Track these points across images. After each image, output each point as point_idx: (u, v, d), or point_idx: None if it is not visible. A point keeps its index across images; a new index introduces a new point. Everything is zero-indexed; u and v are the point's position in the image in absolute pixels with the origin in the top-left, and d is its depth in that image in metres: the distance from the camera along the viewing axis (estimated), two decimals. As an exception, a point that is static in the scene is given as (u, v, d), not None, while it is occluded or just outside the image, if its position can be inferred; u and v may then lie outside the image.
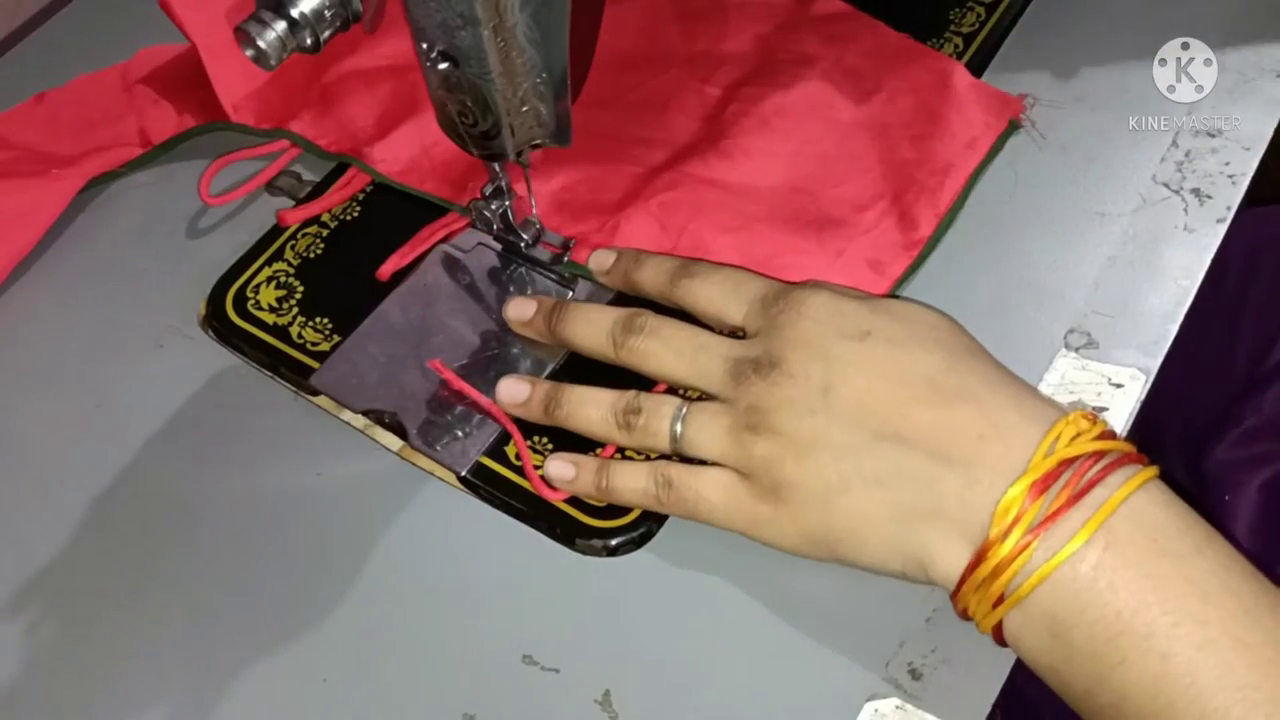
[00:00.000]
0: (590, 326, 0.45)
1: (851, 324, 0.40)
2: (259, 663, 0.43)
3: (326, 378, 0.49)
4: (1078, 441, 0.36)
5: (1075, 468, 0.36)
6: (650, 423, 0.42)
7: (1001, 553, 0.36)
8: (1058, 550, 0.35)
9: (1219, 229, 0.49)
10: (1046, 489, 0.36)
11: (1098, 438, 0.37)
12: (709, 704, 0.41)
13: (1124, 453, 0.37)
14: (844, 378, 0.39)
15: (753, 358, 0.41)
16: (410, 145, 0.55)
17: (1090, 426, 0.37)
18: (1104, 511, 0.35)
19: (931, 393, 0.38)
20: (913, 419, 0.38)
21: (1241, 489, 0.55)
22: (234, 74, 0.56)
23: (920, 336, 0.40)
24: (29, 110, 0.60)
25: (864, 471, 0.38)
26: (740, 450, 0.40)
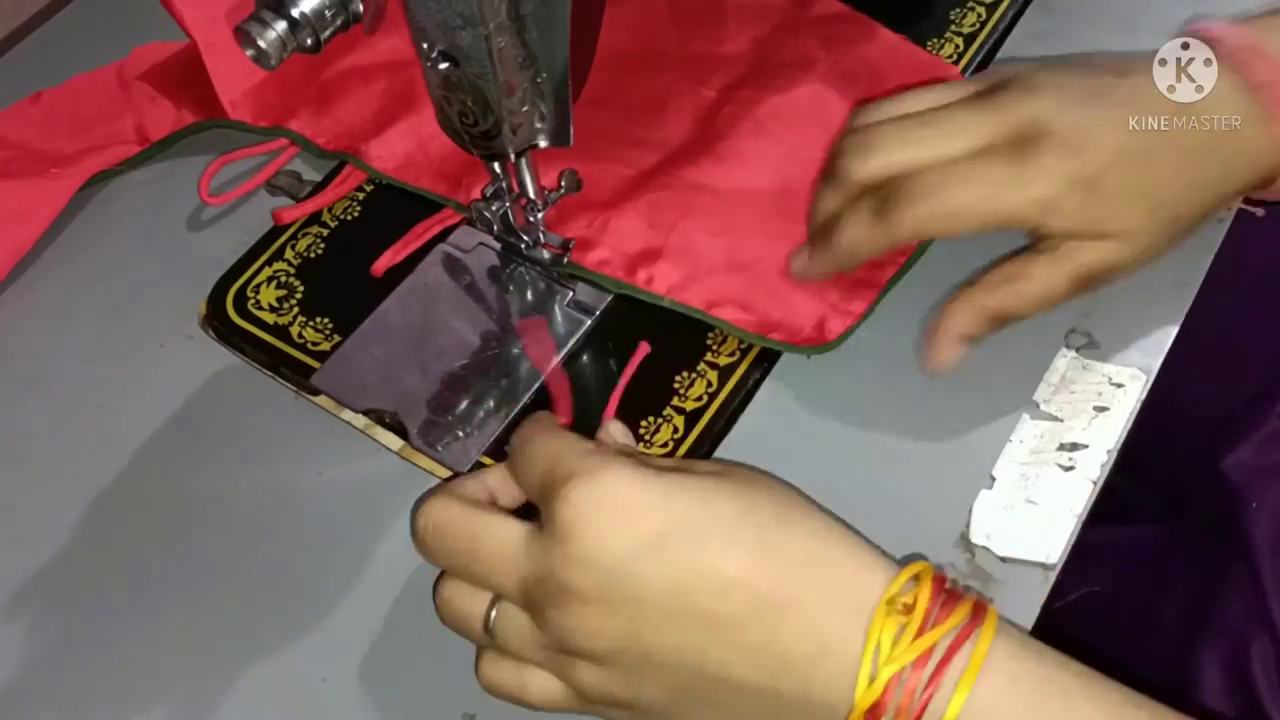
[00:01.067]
0: None
1: (641, 528, 0.34)
2: (259, 663, 0.43)
3: (327, 377, 0.49)
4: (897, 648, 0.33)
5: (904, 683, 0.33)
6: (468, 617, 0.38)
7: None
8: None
9: (1220, 229, 0.49)
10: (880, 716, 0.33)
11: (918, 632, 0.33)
12: (709, 704, 0.41)
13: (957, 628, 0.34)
14: (649, 603, 0.34)
15: (541, 580, 0.35)
16: (406, 141, 0.55)
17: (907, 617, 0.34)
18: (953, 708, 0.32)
19: (749, 608, 0.34)
20: (736, 646, 0.34)
21: (1266, 496, 0.54)
22: (233, 71, 0.56)
23: (722, 518, 0.35)
24: (26, 109, 0.60)
25: (699, 699, 0.35)
26: (561, 671, 0.37)
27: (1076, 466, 0.44)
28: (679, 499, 0.35)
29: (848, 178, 0.44)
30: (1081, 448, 0.44)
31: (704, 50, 0.57)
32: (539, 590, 0.35)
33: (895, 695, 0.32)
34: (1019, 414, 0.45)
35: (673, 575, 0.34)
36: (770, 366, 0.48)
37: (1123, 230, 0.42)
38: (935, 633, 0.33)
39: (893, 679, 0.33)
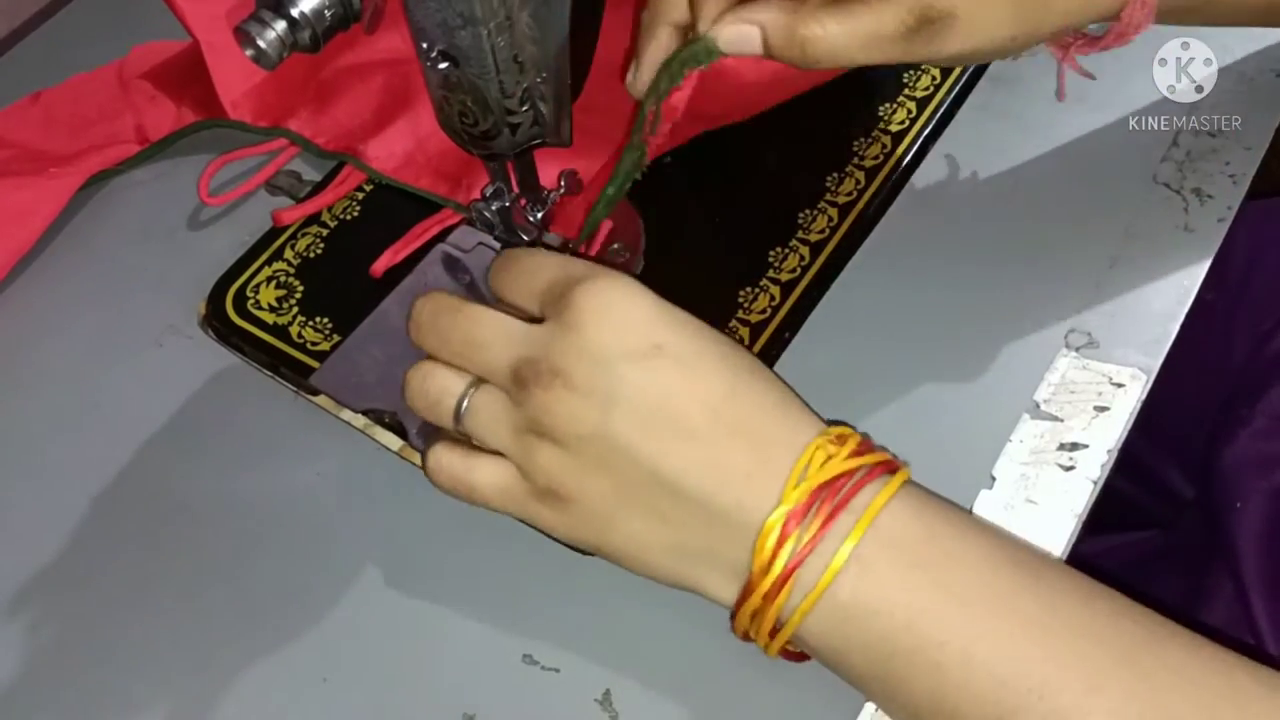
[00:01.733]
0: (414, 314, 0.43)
1: (642, 334, 0.38)
2: (259, 663, 0.43)
3: (326, 377, 0.49)
4: (828, 465, 0.37)
5: (825, 494, 0.36)
6: (438, 401, 0.41)
7: (764, 587, 0.36)
8: (815, 582, 0.36)
9: (1220, 229, 0.49)
10: (802, 519, 0.36)
11: (846, 458, 0.37)
12: (709, 704, 0.41)
13: (873, 465, 0.37)
14: (627, 401, 0.37)
15: (534, 360, 0.38)
16: (405, 140, 0.55)
17: (838, 448, 0.37)
18: (853, 537, 0.36)
19: (711, 424, 0.37)
20: (686, 457, 0.37)
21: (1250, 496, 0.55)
22: (234, 70, 0.56)
23: (707, 353, 0.39)
24: (25, 109, 0.60)
25: (639, 503, 0.38)
26: (523, 453, 0.39)
27: (1077, 466, 0.44)
28: (677, 325, 0.39)
29: None
30: (1082, 448, 0.44)
31: None
32: (529, 369, 0.38)
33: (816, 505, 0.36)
34: (1019, 414, 0.45)
35: (655, 383, 0.37)
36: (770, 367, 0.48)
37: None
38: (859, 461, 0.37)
39: (815, 489, 0.36)
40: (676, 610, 0.43)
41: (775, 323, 0.49)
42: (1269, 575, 0.52)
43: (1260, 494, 0.54)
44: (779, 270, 0.50)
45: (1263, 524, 0.54)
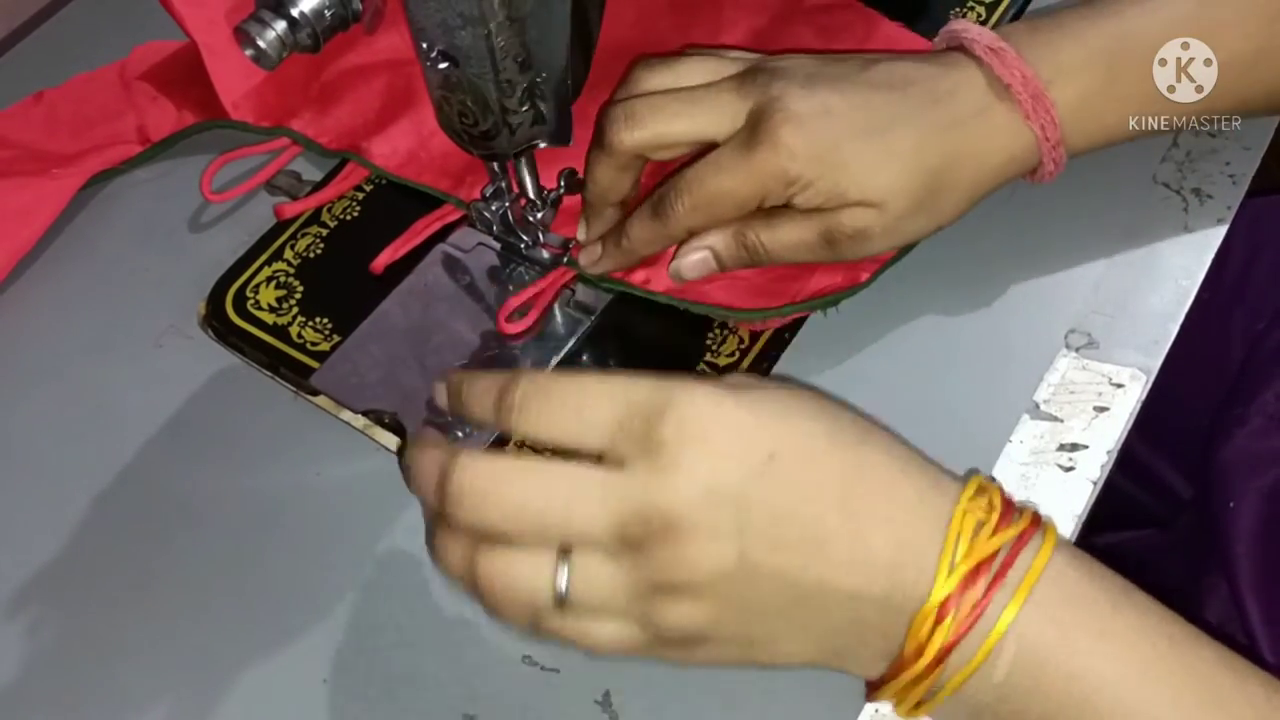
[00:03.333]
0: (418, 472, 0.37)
1: (750, 454, 0.34)
2: (259, 663, 0.43)
3: (326, 378, 0.49)
4: (978, 541, 0.35)
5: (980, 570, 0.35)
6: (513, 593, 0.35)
7: (917, 669, 0.35)
8: (968, 661, 0.35)
9: (1220, 229, 0.49)
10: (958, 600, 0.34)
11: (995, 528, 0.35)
12: (709, 704, 0.41)
13: (1023, 529, 0.36)
14: (756, 524, 0.34)
15: (641, 516, 0.33)
16: (408, 138, 0.55)
17: (986, 515, 0.36)
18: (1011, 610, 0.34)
19: (845, 520, 0.35)
20: (831, 559, 0.35)
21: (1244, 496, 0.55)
22: (234, 71, 0.56)
23: (819, 439, 0.36)
24: (27, 109, 0.60)
25: (783, 621, 0.36)
26: (647, 615, 0.35)
27: (1076, 467, 0.44)
28: (778, 419, 0.35)
29: (615, 148, 0.45)
30: (1081, 448, 0.44)
31: (703, 41, 0.57)
32: (638, 526, 0.33)
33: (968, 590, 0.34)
34: (1019, 414, 0.45)
35: (782, 497, 0.34)
36: (769, 369, 0.48)
37: (867, 198, 0.44)
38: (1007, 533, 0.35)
39: (968, 574, 0.34)
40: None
41: (773, 326, 0.49)
42: (1262, 575, 0.52)
43: (1254, 493, 0.54)
44: (779, 270, 0.50)
45: (1256, 524, 0.54)
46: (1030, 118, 0.45)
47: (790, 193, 0.44)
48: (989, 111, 0.45)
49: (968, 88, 0.45)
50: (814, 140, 0.43)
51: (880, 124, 0.44)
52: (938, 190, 0.45)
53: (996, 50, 0.45)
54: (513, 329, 0.49)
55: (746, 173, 0.43)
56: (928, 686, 0.36)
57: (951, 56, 0.46)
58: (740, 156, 0.44)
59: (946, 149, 0.44)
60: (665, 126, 0.44)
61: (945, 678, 0.35)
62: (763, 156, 0.43)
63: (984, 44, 0.45)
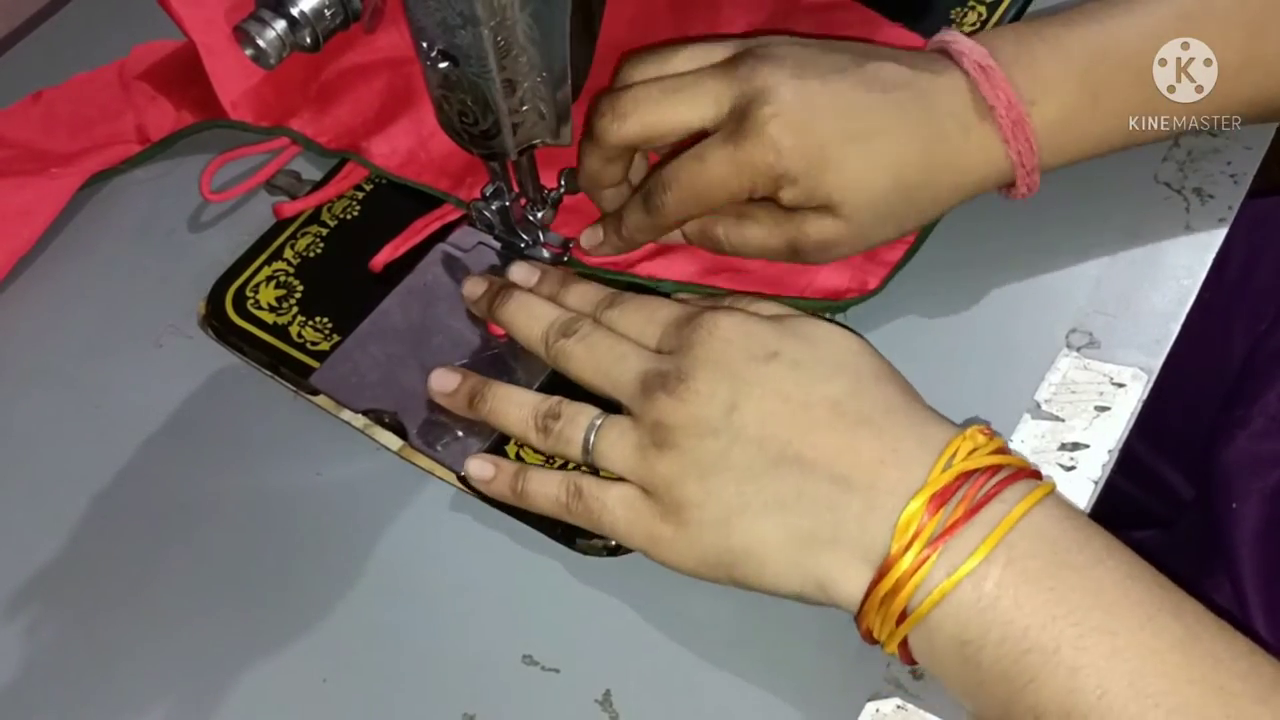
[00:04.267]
0: (529, 319, 0.46)
1: (759, 345, 0.40)
2: (259, 663, 0.43)
3: (326, 377, 0.49)
4: (974, 456, 0.37)
5: (971, 482, 0.36)
6: (565, 430, 0.43)
7: (902, 567, 0.36)
8: (957, 567, 0.35)
9: (1221, 229, 0.49)
10: (945, 503, 0.36)
11: (993, 453, 0.37)
12: (709, 704, 0.41)
13: (1019, 467, 0.37)
14: (748, 398, 0.39)
15: (662, 371, 0.41)
16: (408, 138, 0.55)
17: (986, 442, 0.38)
18: (1002, 527, 0.35)
19: (833, 417, 0.38)
20: (814, 443, 0.38)
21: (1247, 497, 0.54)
22: (232, 71, 0.56)
23: (826, 359, 0.40)
24: (27, 109, 0.60)
25: (764, 495, 0.38)
26: (645, 467, 0.40)
27: (1078, 466, 0.44)
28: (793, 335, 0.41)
29: (604, 140, 0.46)
30: (1083, 447, 0.44)
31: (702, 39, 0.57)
32: (657, 378, 0.41)
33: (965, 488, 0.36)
34: (1020, 414, 0.45)
35: (776, 383, 0.39)
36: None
37: (842, 207, 0.44)
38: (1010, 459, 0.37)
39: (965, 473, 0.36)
40: (677, 610, 0.43)
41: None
42: (1265, 576, 0.52)
43: (1257, 495, 0.54)
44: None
45: (1258, 524, 0.54)
46: (1009, 142, 0.45)
47: (778, 187, 0.44)
48: (971, 131, 0.45)
49: (954, 102, 0.45)
50: (801, 138, 0.43)
51: (866, 130, 0.44)
52: (909, 203, 0.45)
53: (985, 69, 0.45)
54: (501, 330, 0.49)
55: (733, 166, 0.43)
56: (909, 595, 0.36)
57: (942, 63, 0.46)
58: (726, 149, 0.44)
59: (926, 164, 0.45)
60: (651, 117, 0.45)
61: (925, 592, 0.35)
62: (749, 150, 0.43)
63: (973, 59, 0.45)
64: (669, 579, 0.43)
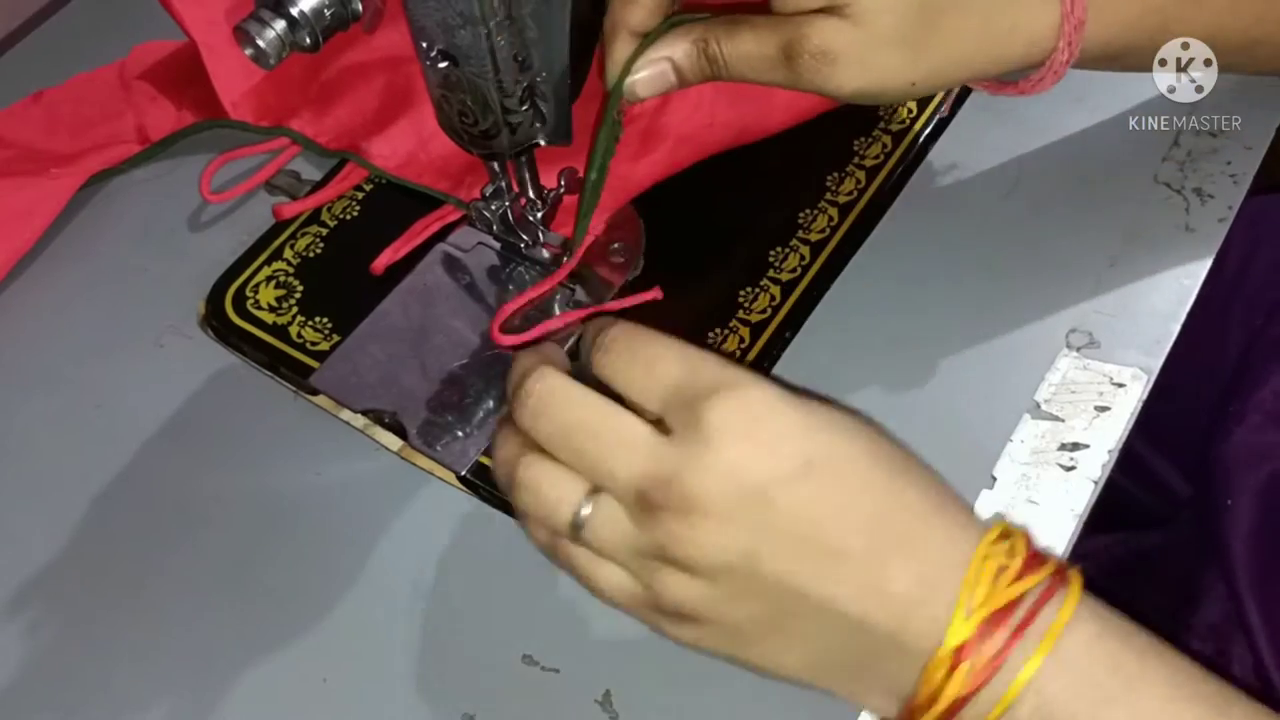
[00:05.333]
0: None
1: (789, 456, 0.34)
2: (259, 663, 0.43)
3: (326, 377, 0.49)
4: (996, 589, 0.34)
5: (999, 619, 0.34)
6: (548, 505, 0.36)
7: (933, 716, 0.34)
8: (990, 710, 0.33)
9: (1221, 228, 0.49)
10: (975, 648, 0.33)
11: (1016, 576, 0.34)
12: (709, 704, 0.41)
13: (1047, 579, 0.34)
14: (777, 529, 0.34)
15: (665, 482, 0.34)
16: (408, 139, 0.55)
17: (1008, 560, 0.34)
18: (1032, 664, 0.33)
19: (869, 545, 0.34)
20: (847, 579, 0.34)
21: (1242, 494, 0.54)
22: (233, 71, 0.56)
23: (861, 459, 0.35)
24: (27, 109, 0.60)
25: (785, 626, 0.35)
26: (648, 577, 0.35)
27: (1077, 466, 0.44)
28: (824, 430, 0.35)
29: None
30: (1082, 447, 0.44)
31: None
32: (660, 492, 0.34)
33: (983, 641, 0.33)
34: (1020, 414, 0.45)
35: (809, 507, 0.34)
36: (770, 368, 0.48)
37: (860, 13, 0.38)
38: (1029, 582, 0.34)
39: (985, 621, 0.33)
40: (676, 610, 0.43)
41: (776, 322, 0.49)
42: (1259, 574, 0.52)
43: (1252, 490, 0.54)
44: (779, 270, 0.50)
45: (1254, 521, 0.54)
46: None
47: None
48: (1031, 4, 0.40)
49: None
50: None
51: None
52: (931, 27, 0.39)
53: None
54: (507, 341, 0.48)
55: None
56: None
57: None
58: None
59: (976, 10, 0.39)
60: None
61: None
62: None
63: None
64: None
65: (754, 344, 0.48)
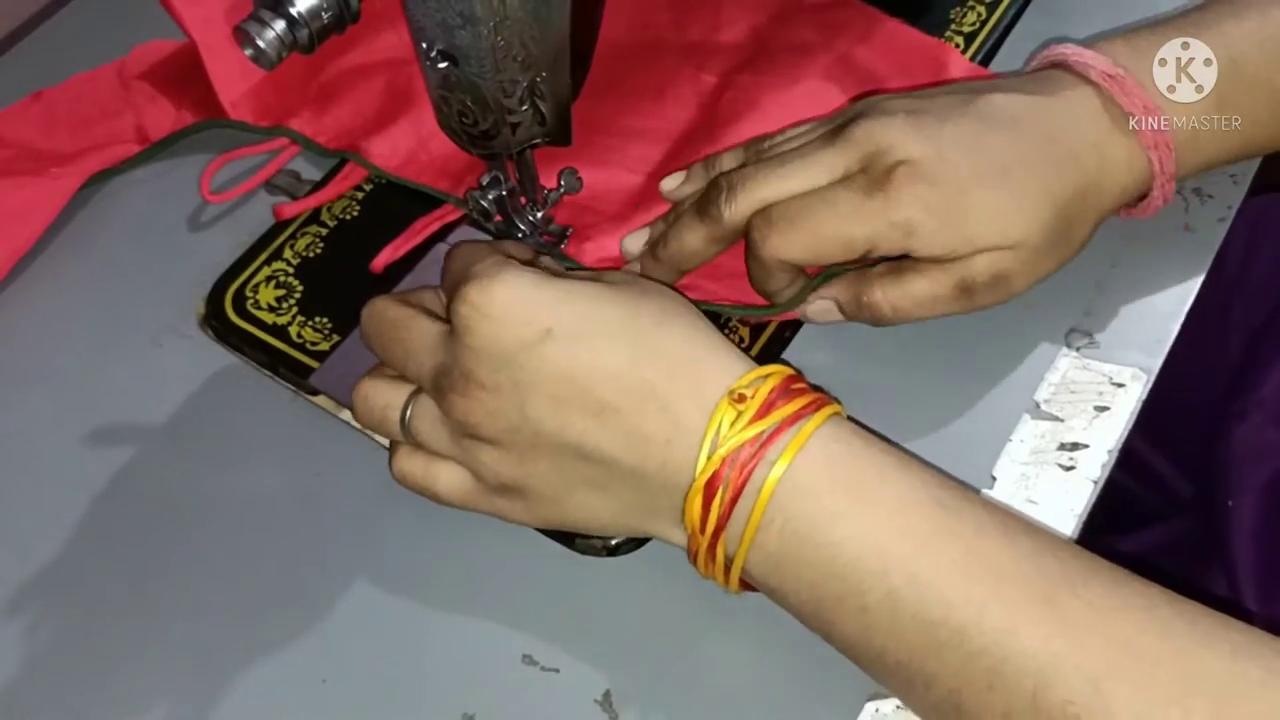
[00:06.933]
0: None
1: (528, 325, 0.39)
2: (259, 663, 0.43)
3: (326, 377, 0.49)
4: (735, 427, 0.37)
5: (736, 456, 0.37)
6: (384, 418, 0.43)
7: (703, 542, 0.38)
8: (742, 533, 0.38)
9: (1220, 228, 0.49)
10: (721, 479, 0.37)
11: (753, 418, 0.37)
12: (709, 704, 0.41)
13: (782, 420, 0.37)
14: (535, 392, 0.39)
15: (448, 369, 0.40)
16: (408, 138, 0.55)
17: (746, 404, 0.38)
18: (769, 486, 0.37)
19: (620, 394, 0.38)
20: (608, 428, 0.39)
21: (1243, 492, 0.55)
22: (232, 71, 0.56)
23: (601, 323, 0.39)
24: (26, 108, 0.60)
25: (579, 476, 0.40)
26: (467, 457, 0.41)
27: (1077, 466, 0.44)
28: (568, 302, 0.39)
29: (720, 221, 0.45)
30: (1082, 447, 0.44)
31: (702, 38, 0.57)
32: (445, 378, 0.40)
33: (729, 470, 0.37)
34: (1020, 413, 0.45)
35: (556, 366, 0.38)
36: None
37: (998, 244, 0.43)
38: (770, 418, 0.37)
39: (728, 455, 0.37)
40: (677, 610, 0.43)
41: (775, 322, 0.49)
42: (1261, 572, 0.52)
43: (1253, 489, 0.54)
44: (779, 270, 0.50)
45: (1255, 519, 0.54)
46: (1150, 150, 0.44)
47: (910, 243, 0.43)
48: (1104, 144, 0.44)
49: (1085, 117, 0.44)
50: (938, 188, 0.42)
51: (1000, 166, 0.42)
52: (1068, 225, 0.44)
53: (1115, 77, 0.44)
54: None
55: (861, 218, 0.42)
56: (720, 562, 0.39)
57: (1055, 81, 0.45)
58: (858, 201, 0.42)
59: (1069, 184, 0.43)
60: (764, 190, 0.44)
61: (730, 551, 0.38)
62: (883, 204, 0.42)
63: (1100, 70, 0.44)
64: (668, 579, 0.43)
65: (754, 344, 0.48)
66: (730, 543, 0.38)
